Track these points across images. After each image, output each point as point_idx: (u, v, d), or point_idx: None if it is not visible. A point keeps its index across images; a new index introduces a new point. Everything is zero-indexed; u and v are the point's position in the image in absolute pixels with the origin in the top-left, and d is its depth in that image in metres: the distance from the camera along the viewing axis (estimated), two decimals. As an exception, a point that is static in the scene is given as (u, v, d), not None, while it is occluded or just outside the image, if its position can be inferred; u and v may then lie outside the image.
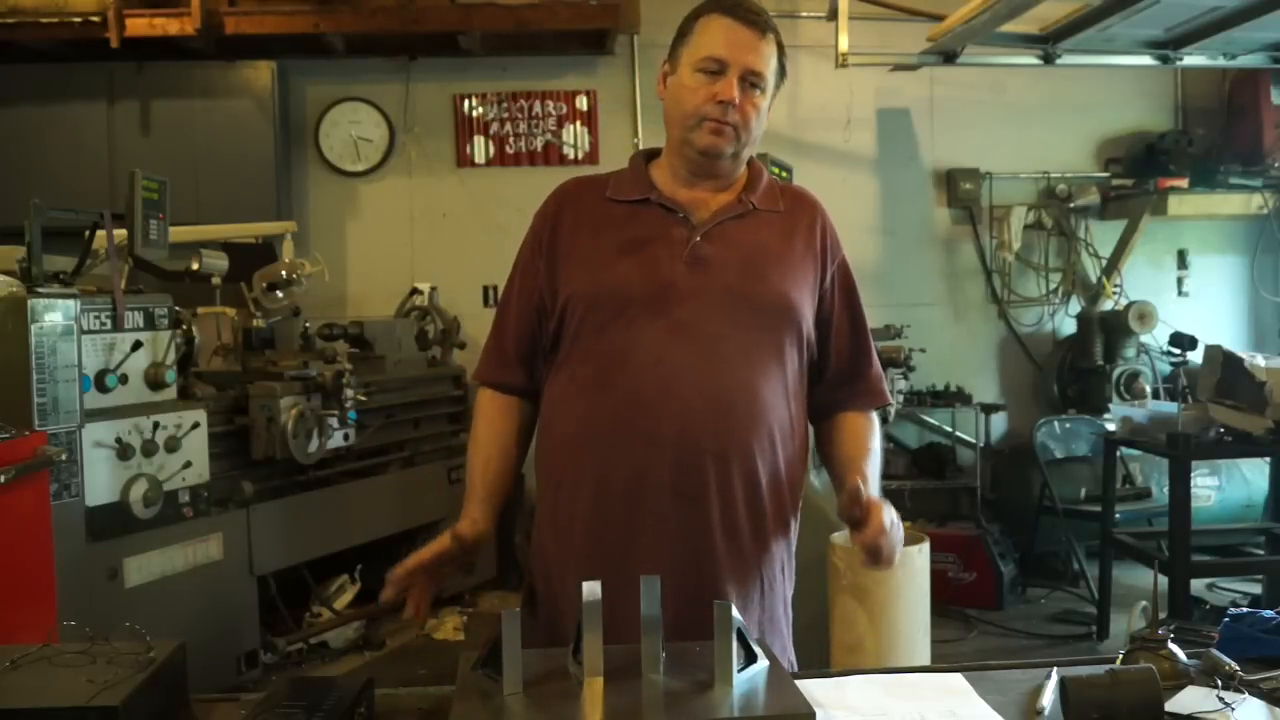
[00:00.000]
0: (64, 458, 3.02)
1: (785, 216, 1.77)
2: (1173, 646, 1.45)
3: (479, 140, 5.90)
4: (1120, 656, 1.47)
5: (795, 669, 1.71)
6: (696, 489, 1.63)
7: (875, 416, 1.86)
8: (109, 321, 3.31)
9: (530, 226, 1.81)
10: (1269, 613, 1.55)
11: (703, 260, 1.68)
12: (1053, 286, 6.16)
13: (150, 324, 3.46)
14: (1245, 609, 1.64)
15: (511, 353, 1.79)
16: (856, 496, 1.54)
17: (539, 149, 5.90)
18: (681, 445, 1.62)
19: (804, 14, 5.83)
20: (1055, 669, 1.47)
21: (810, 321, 1.74)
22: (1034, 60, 5.30)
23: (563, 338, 1.72)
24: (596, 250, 1.71)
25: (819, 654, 3.51)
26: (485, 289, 5.77)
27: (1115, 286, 5.97)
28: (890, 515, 1.57)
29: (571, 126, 5.90)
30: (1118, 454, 4.75)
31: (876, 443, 1.81)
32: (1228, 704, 1.33)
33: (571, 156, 5.88)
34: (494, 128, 5.90)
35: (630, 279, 1.67)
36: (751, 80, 1.66)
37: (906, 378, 5.28)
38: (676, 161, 1.75)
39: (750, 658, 1.26)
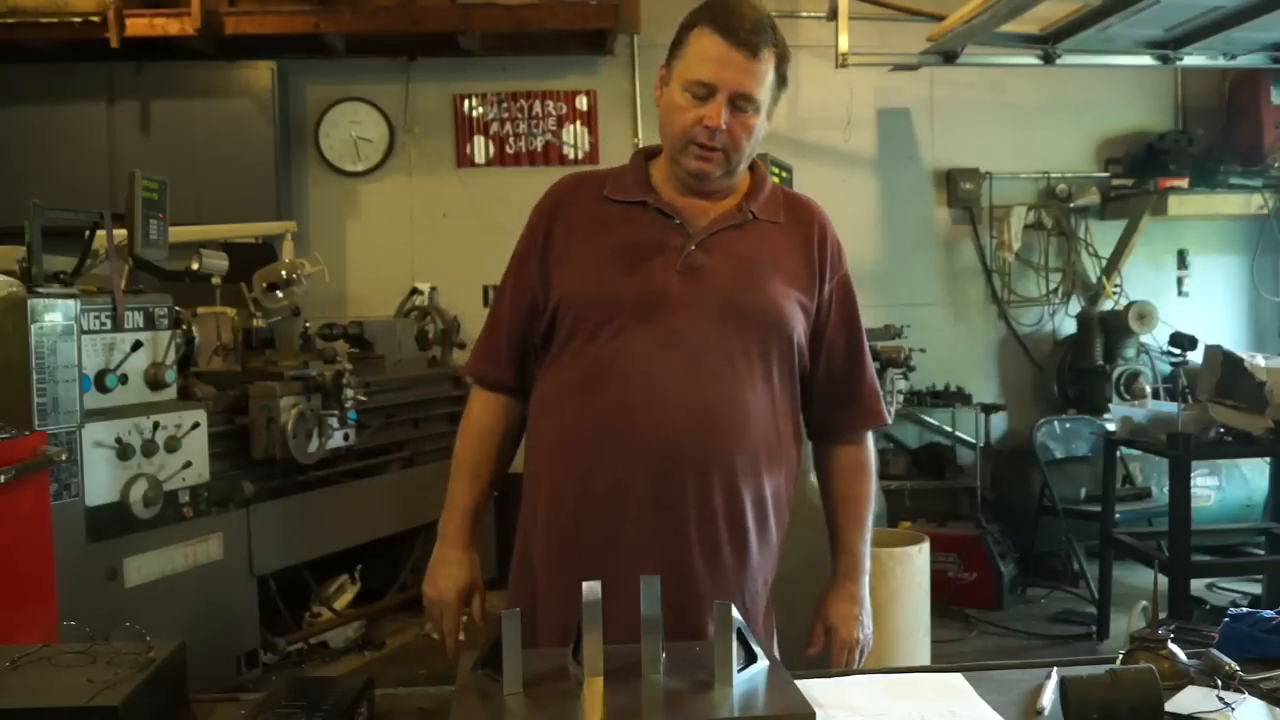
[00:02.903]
0: (64, 458, 3.01)
1: (785, 228, 1.74)
2: (1173, 646, 1.45)
3: (479, 140, 5.90)
4: (1120, 656, 1.47)
5: None
6: (674, 501, 1.62)
7: (870, 444, 1.86)
8: (109, 321, 3.30)
9: (527, 222, 1.78)
10: (1269, 613, 1.55)
11: (697, 270, 1.65)
12: (1053, 286, 6.16)
13: (150, 324, 3.46)
14: (1245, 609, 1.64)
15: (504, 349, 1.77)
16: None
17: (539, 149, 5.89)
18: (661, 456, 1.61)
19: (804, 14, 5.81)
20: (1055, 669, 1.47)
21: (802, 334, 1.72)
22: (1034, 60, 5.30)
23: (554, 339, 1.71)
24: (591, 253, 1.68)
25: (819, 654, 3.50)
26: (485, 289, 5.71)
27: (1115, 286, 5.97)
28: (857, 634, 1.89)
29: (571, 126, 5.89)
30: (1118, 454, 4.74)
31: (869, 485, 1.82)
32: (1228, 704, 1.33)
33: (571, 156, 5.87)
34: (494, 128, 5.89)
35: (622, 286, 1.65)
36: (740, 104, 1.62)
37: (906, 378, 5.27)
38: (672, 170, 1.73)
39: (750, 658, 1.26)
